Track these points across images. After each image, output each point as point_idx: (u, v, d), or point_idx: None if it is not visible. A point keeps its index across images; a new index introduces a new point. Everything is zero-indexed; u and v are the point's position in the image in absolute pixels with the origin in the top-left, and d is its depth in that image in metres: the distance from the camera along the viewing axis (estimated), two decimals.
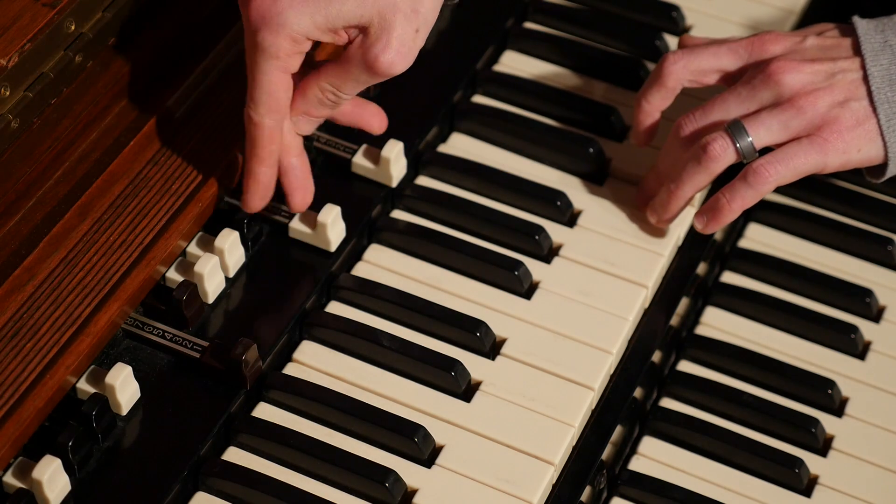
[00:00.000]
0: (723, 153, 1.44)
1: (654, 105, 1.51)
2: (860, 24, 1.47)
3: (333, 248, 1.45)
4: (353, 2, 1.31)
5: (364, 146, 1.50)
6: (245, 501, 1.31)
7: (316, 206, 1.44)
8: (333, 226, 1.44)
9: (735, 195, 1.45)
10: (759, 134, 1.44)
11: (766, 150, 1.45)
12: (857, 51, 1.46)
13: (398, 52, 1.33)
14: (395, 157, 1.49)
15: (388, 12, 1.31)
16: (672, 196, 1.47)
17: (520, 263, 1.46)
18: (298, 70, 1.36)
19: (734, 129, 1.44)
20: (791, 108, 1.43)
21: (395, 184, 1.50)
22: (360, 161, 1.50)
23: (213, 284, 1.40)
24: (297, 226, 1.44)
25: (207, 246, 1.41)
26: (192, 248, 1.41)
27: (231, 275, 1.42)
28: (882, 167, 1.46)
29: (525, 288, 1.46)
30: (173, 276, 1.40)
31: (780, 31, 1.50)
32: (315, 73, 1.38)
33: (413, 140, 1.54)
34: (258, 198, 1.41)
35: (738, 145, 1.43)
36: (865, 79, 1.44)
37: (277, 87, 1.35)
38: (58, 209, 1.37)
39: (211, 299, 1.40)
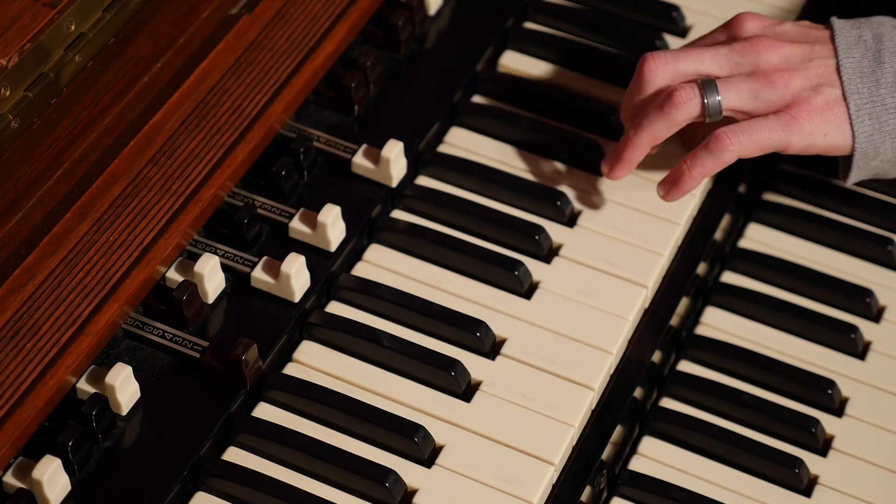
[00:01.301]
0: (688, 102, 1.44)
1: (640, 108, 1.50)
2: (836, 21, 1.49)
3: (333, 248, 1.45)
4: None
5: (364, 146, 1.51)
6: (245, 501, 1.31)
7: (316, 207, 1.45)
8: (333, 226, 1.44)
9: (696, 161, 1.45)
10: (729, 96, 1.44)
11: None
12: (831, 41, 1.47)
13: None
14: (395, 157, 1.49)
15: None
16: (628, 143, 1.46)
17: (520, 263, 1.46)
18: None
19: (706, 84, 1.44)
20: (765, 80, 1.44)
21: (395, 184, 1.50)
22: (360, 161, 1.50)
23: (213, 284, 1.40)
24: (296, 226, 1.44)
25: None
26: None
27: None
28: (848, 162, 1.46)
29: (525, 288, 1.46)
30: (173, 276, 1.40)
31: (756, 13, 1.51)
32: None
33: (413, 140, 1.54)
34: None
35: (705, 100, 1.44)
36: (838, 69, 1.45)
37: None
38: (58, 209, 1.37)
39: (211, 299, 1.40)
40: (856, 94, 1.44)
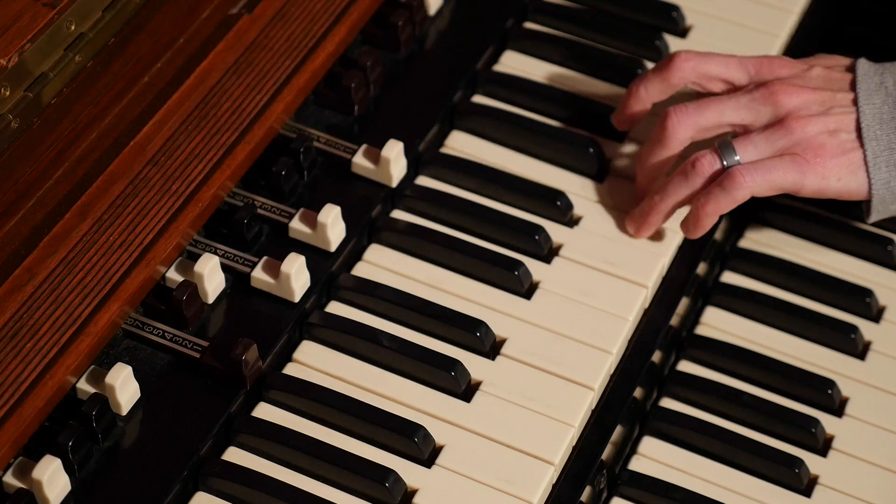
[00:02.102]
0: (710, 170, 1.46)
1: (651, 95, 1.53)
2: (862, 64, 1.50)
3: (333, 248, 1.45)
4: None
5: (364, 146, 1.51)
6: (245, 501, 1.31)
7: (316, 206, 1.44)
8: (333, 226, 1.44)
9: (709, 199, 1.46)
10: (747, 152, 1.46)
11: None
12: (853, 87, 1.48)
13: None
14: (395, 158, 1.49)
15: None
16: (655, 207, 1.48)
17: (520, 263, 1.46)
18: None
19: (723, 147, 1.46)
20: (781, 128, 1.46)
21: (395, 184, 1.50)
22: (360, 161, 1.50)
23: (213, 284, 1.40)
24: (296, 226, 1.44)
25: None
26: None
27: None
28: (868, 205, 1.47)
29: (525, 288, 1.46)
30: (173, 276, 1.40)
31: (789, 58, 1.52)
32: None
33: (413, 140, 1.54)
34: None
35: (724, 163, 1.45)
36: (857, 115, 1.45)
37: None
38: (58, 209, 1.37)
39: (211, 299, 1.40)
40: (874, 141, 1.44)
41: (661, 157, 1.50)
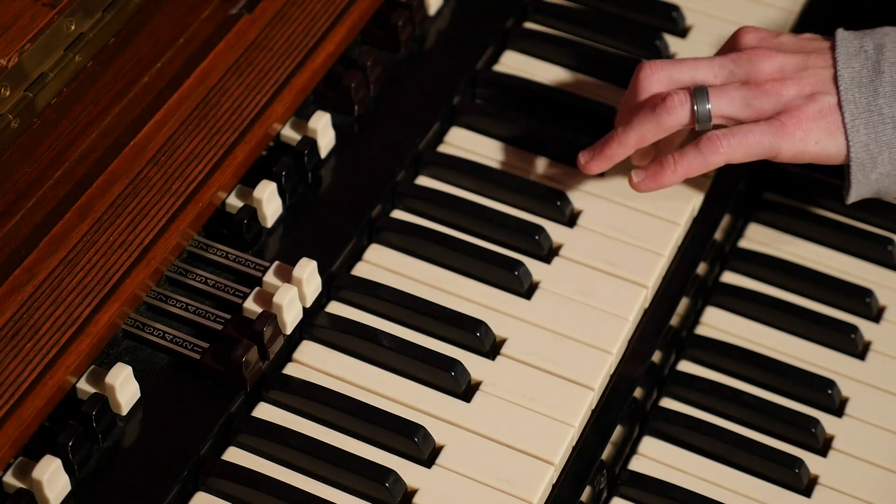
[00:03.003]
0: (679, 107, 1.44)
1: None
2: (840, 32, 1.49)
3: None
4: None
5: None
6: (245, 501, 1.32)
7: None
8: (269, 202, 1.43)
9: (683, 159, 1.45)
10: (720, 104, 1.44)
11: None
12: (832, 51, 1.47)
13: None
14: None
15: None
16: (614, 139, 1.47)
17: (520, 263, 1.46)
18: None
19: (697, 92, 1.45)
20: (757, 89, 1.45)
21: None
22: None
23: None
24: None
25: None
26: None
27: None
28: (847, 176, 1.46)
29: (525, 288, 1.46)
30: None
31: (755, 27, 1.51)
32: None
33: (413, 140, 1.54)
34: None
35: (695, 107, 1.44)
36: (835, 78, 1.45)
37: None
38: (58, 209, 1.37)
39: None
40: (852, 104, 1.44)
41: (632, 107, 1.49)
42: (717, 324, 1.54)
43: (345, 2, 1.56)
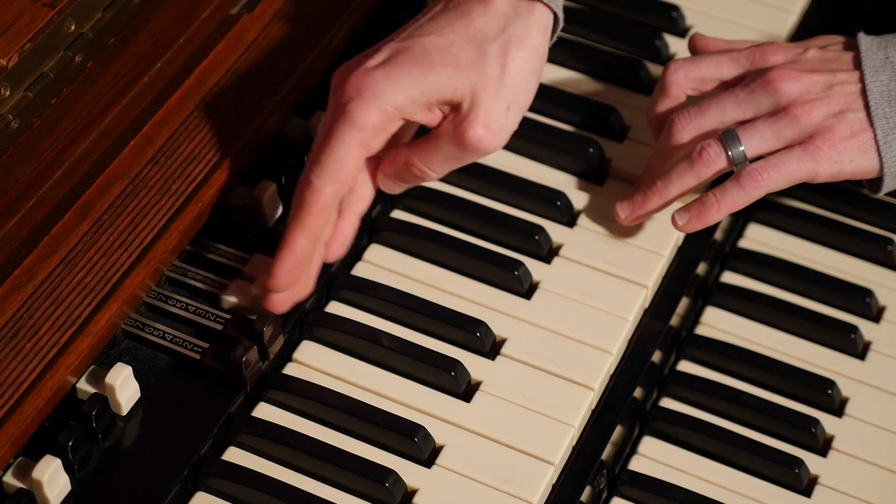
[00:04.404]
0: (716, 159, 1.44)
1: (664, 115, 1.51)
2: (864, 39, 1.47)
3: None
4: (447, 74, 1.32)
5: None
6: (245, 501, 1.32)
7: None
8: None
9: (725, 196, 1.45)
10: (753, 142, 1.44)
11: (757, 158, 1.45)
12: (857, 65, 1.46)
13: (487, 127, 1.34)
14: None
15: (480, 88, 1.33)
16: (655, 192, 1.47)
17: (520, 263, 1.46)
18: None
19: (728, 137, 1.44)
20: (786, 117, 1.44)
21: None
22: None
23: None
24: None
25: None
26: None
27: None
28: (878, 181, 1.47)
29: (525, 288, 1.46)
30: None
31: (782, 43, 1.50)
32: (406, 145, 1.39)
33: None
34: (286, 273, 1.33)
35: (729, 153, 1.44)
36: (864, 93, 1.44)
37: (349, 159, 1.32)
38: (58, 209, 1.37)
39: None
40: (883, 119, 1.43)
41: (664, 107, 1.50)
42: (717, 324, 1.54)
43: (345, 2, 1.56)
